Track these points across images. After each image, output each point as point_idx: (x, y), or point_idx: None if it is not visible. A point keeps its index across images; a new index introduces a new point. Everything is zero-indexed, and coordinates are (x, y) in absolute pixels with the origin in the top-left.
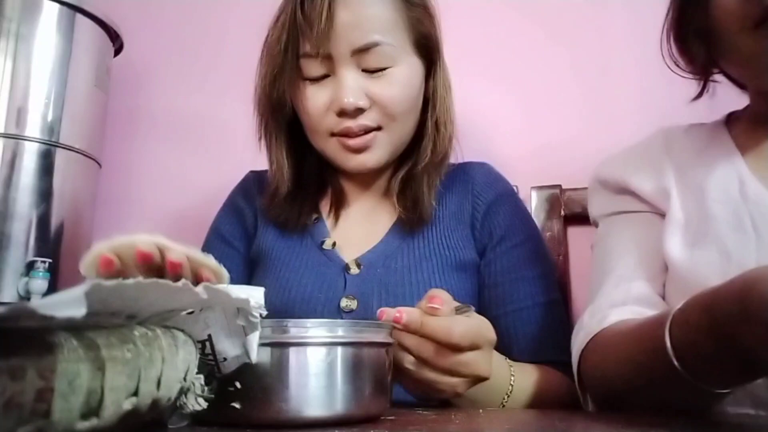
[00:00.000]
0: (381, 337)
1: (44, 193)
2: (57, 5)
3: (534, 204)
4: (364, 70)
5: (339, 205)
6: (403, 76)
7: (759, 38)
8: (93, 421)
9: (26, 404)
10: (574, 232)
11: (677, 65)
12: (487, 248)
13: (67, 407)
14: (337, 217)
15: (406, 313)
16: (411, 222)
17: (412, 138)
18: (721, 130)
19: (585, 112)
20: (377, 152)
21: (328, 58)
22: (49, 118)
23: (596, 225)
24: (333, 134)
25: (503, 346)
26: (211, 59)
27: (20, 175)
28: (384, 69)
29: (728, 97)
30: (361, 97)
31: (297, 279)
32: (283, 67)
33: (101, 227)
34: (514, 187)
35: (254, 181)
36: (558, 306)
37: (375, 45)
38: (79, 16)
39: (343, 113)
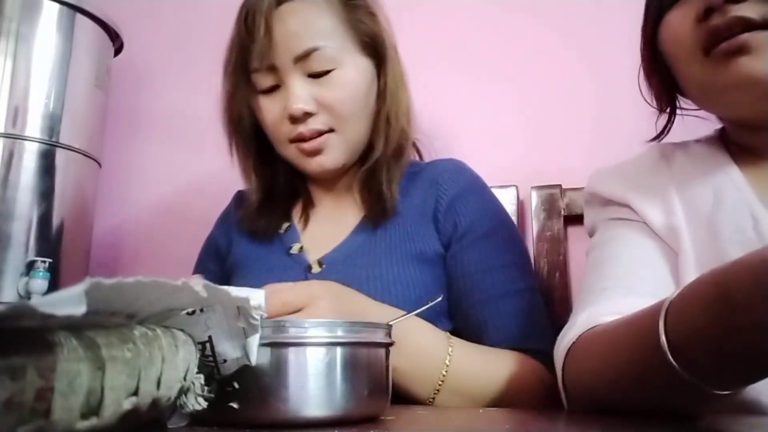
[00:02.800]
0: (380, 337)
1: (44, 193)
2: (57, 5)
3: (534, 204)
4: (310, 75)
5: (307, 209)
6: (348, 77)
7: (709, 66)
8: (93, 421)
9: (26, 404)
10: (574, 232)
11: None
12: (453, 240)
13: (67, 406)
14: (306, 221)
15: None
16: (375, 216)
17: (371, 137)
18: (722, 153)
19: (585, 111)
20: (332, 153)
21: (274, 69)
22: (49, 118)
23: (591, 235)
24: (291, 141)
25: (477, 337)
26: (211, 59)
27: (20, 175)
28: (329, 72)
29: None
30: (309, 102)
31: (260, 283)
32: (237, 85)
33: (101, 227)
34: (513, 187)
35: (236, 200)
36: (530, 293)
37: (315, 50)
38: (79, 16)
39: (293, 119)
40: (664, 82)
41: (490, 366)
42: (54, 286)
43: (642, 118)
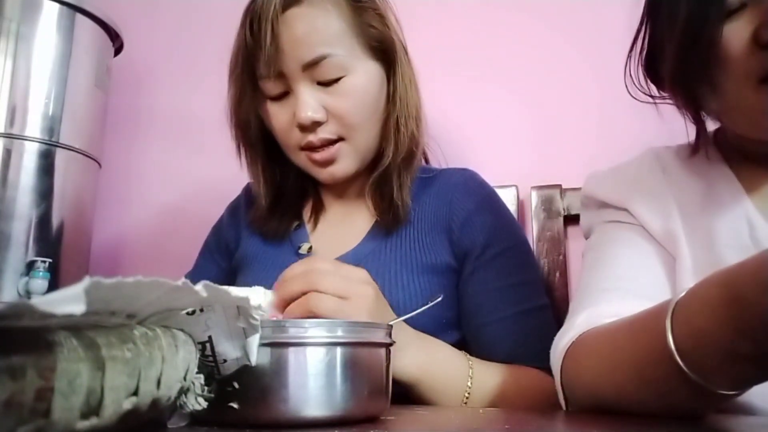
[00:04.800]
0: (380, 337)
1: (44, 193)
2: (57, 5)
3: (534, 204)
4: (319, 83)
5: (317, 210)
6: (358, 84)
7: (761, 94)
8: (93, 421)
9: (26, 403)
10: (574, 232)
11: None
12: (470, 257)
13: (67, 406)
14: (316, 223)
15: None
16: (387, 223)
17: (381, 141)
18: (718, 158)
19: (585, 111)
20: (344, 163)
21: (282, 77)
22: (49, 118)
23: (587, 237)
24: (301, 148)
25: (490, 355)
26: (211, 59)
27: (20, 175)
28: (338, 79)
29: None
30: (318, 110)
31: (268, 281)
32: (244, 91)
33: (101, 227)
34: (513, 186)
35: (246, 194)
36: (544, 311)
37: (323, 58)
38: (79, 16)
39: (302, 128)
40: (695, 89)
41: (510, 385)
42: (54, 286)
43: (642, 119)
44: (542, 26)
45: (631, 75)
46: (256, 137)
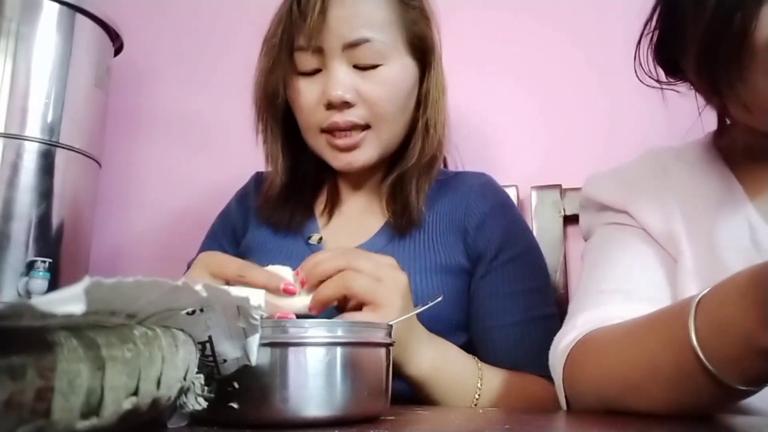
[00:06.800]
0: (380, 337)
1: (44, 193)
2: (57, 5)
3: (534, 204)
4: (356, 66)
5: (332, 203)
6: (393, 76)
7: None
8: (93, 421)
9: (26, 403)
10: (574, 232)
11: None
12: (483, 261)
13: (67, 406)
14: (330, 216)
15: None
16: (399, 226)
17: (403, 140)
18: (719, 160)
19: (585, 112)
20: (366, 151)
21: (320, 52)
22: (49, 118)
23: (587, 239)
24: (322, 131)
25: (495, 360)
26: (212, 59)
27: (20, 175)
28: (375, 66)
29: None
30: (350, 90)
31: None
32: (278, 61)
33: (101, 227)
34: (513, 186)
35: (256, 182)
36: (552, 321)
37: (366, 41)
38: (79, 16)
39: (330, 106)
40: (721, 76)
41: (517, 391)
42: (54, 286)
43: (642, 119)
44: (544, 27)
45: (639, 59)
46: (280, 112)
